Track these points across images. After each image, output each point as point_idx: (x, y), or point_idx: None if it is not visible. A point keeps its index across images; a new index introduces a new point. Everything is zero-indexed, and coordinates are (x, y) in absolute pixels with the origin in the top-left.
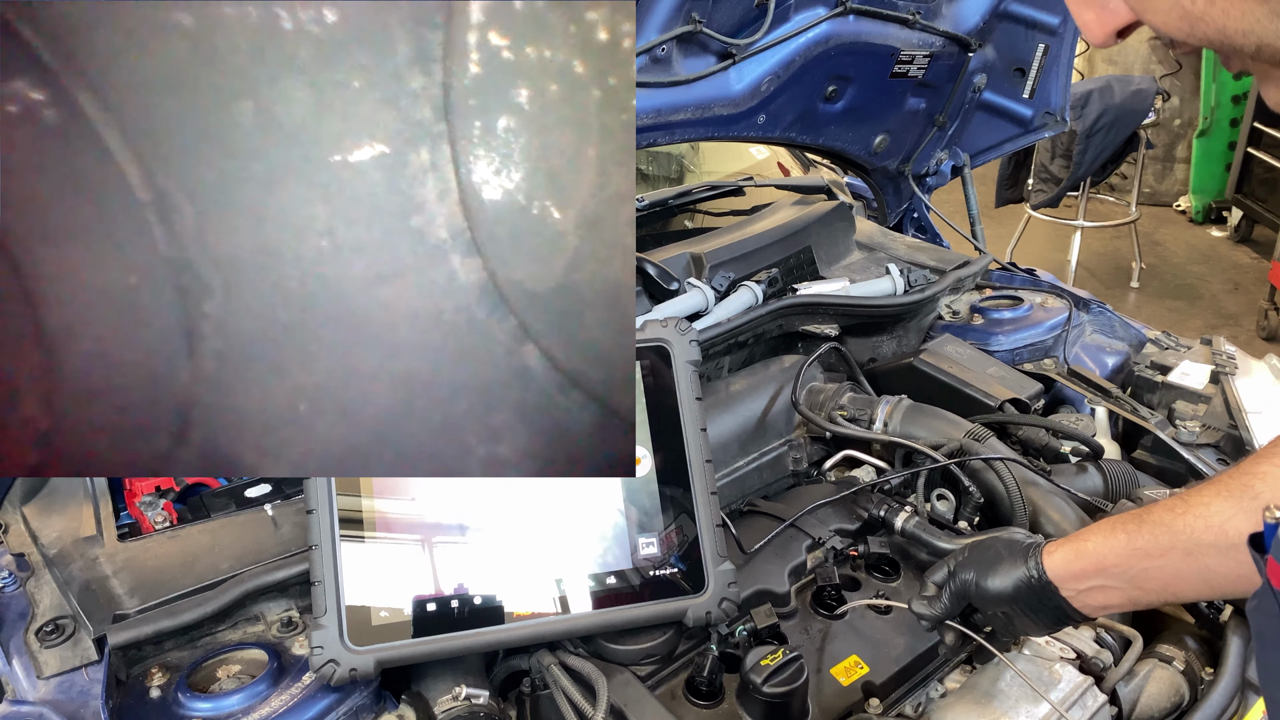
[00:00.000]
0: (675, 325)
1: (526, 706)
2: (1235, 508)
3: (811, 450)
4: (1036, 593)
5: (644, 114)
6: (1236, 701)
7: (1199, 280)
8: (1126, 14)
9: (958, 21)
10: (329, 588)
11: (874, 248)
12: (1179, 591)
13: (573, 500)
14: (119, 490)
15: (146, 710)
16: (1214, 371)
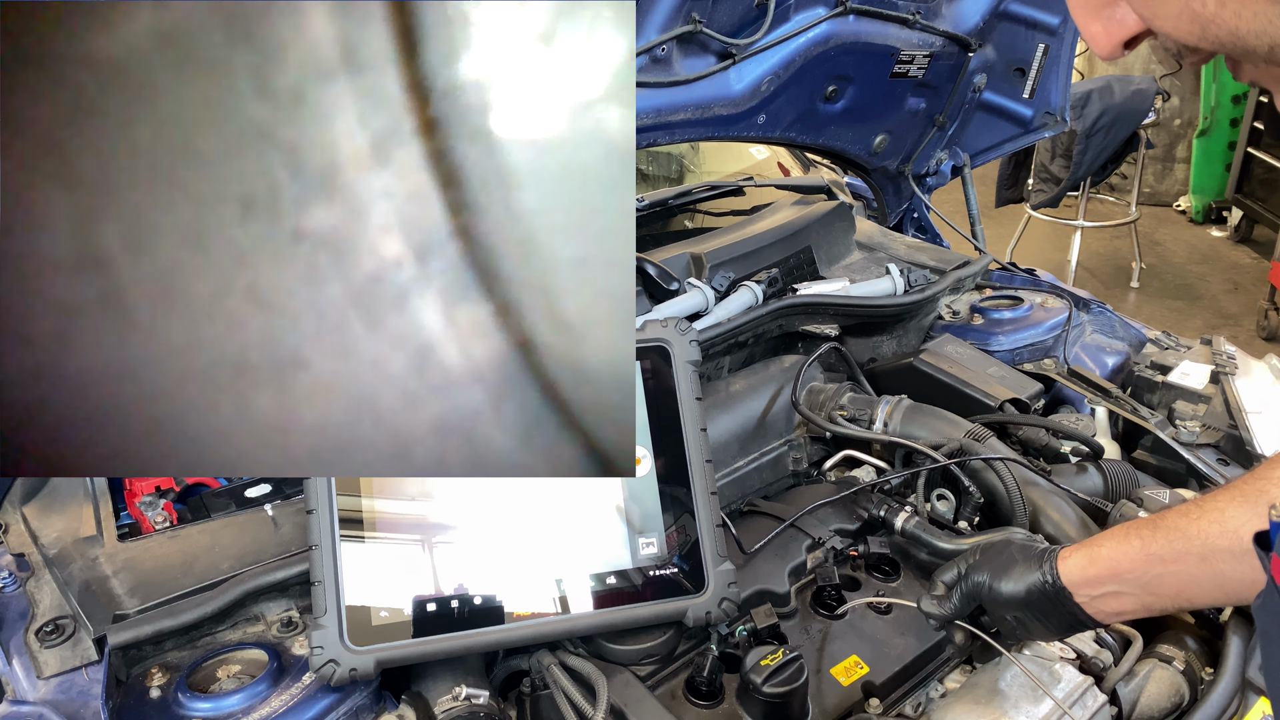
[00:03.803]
0: (675, 325)
1: (526, 706)
2: (1250, 513)
3: (811, 450)
4: (1050, 598)
5: (644, 114)
6: (1236, 701)
7: (1199, 280)
8: (1134, 24)
9: (958, 21)
10: (329, 588)
11: (874, 248)
12: (1193, 597)
13: (573, 500)
14: (119, 490)
15: (146, 710)
16: (1214, 371)
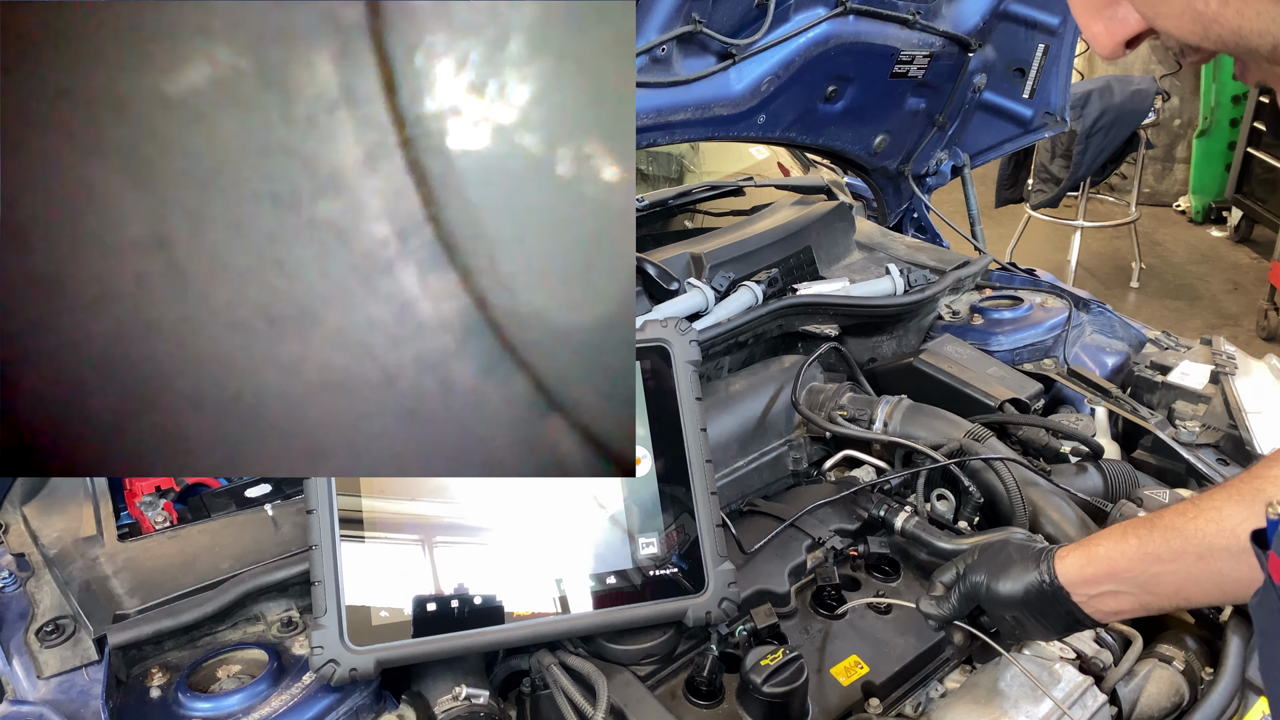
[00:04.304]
0: (675, 325)
1: (526, 706)
2: (1247, 511)
3: (811, 450)
4: (1048, 598)
5: (644, 114)
6: (1236, 701)
7: (1199, 280)
8: (1136, 23)
9: (958, 21)
10: (329, 588)
11: (874, 248)
12: (1191, 596)
13: (573, 500)
14: (119, 490)
15: (146, 710)
16: (1214, 371)
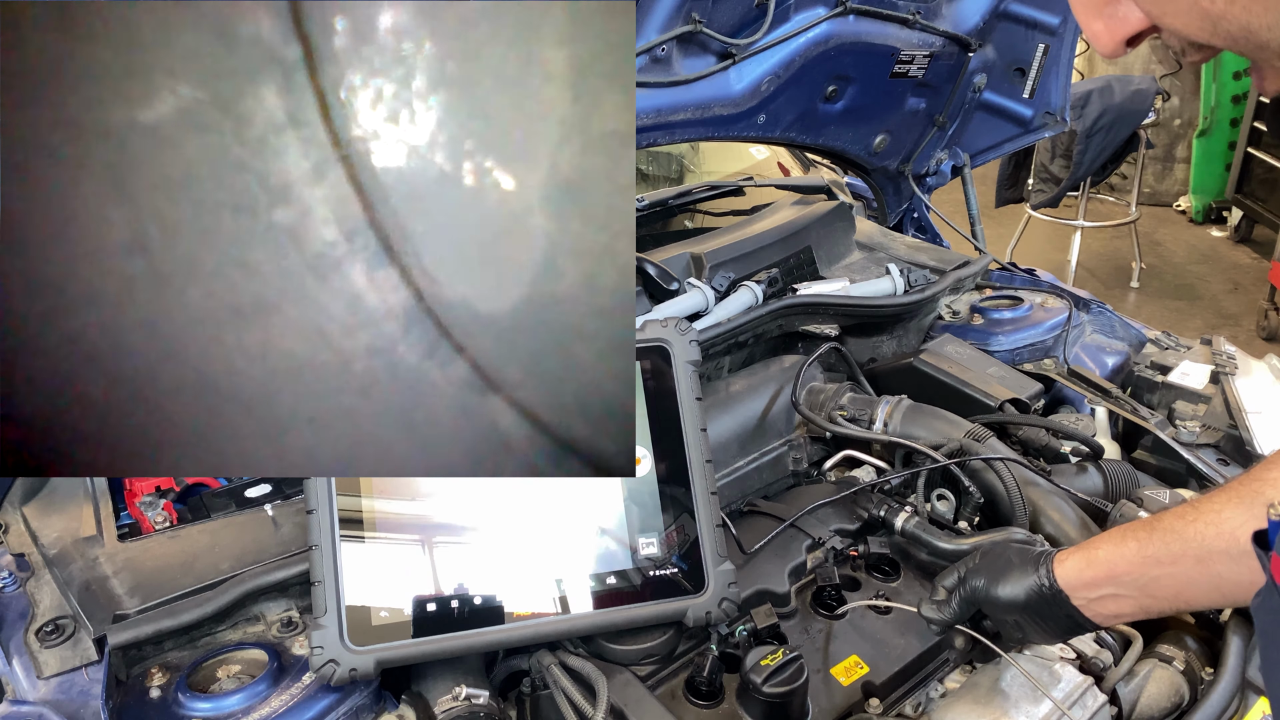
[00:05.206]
0: (675, 325)
1: (526, 706)
2: (1246, 514)
3: (811, 450)
4: (1048, 601)
5: (644, 114)
6: (1236, 701)
7: (1199, 280)
8: (1138, 21)
9: (958, 21)
10: (329, 588)
11: (874, 248)
12: (1191, 599)
13: (573, 500)
14: (119, 490)
15: (146, 710)
16: (1214, 371)
